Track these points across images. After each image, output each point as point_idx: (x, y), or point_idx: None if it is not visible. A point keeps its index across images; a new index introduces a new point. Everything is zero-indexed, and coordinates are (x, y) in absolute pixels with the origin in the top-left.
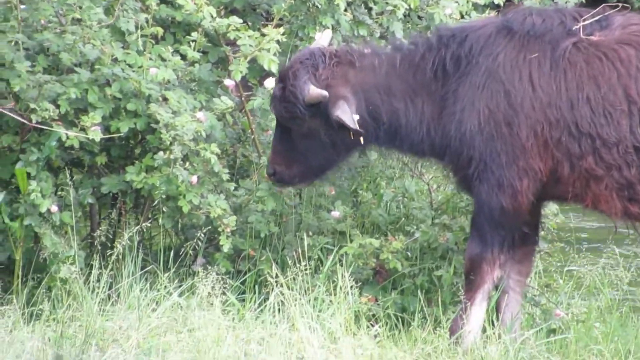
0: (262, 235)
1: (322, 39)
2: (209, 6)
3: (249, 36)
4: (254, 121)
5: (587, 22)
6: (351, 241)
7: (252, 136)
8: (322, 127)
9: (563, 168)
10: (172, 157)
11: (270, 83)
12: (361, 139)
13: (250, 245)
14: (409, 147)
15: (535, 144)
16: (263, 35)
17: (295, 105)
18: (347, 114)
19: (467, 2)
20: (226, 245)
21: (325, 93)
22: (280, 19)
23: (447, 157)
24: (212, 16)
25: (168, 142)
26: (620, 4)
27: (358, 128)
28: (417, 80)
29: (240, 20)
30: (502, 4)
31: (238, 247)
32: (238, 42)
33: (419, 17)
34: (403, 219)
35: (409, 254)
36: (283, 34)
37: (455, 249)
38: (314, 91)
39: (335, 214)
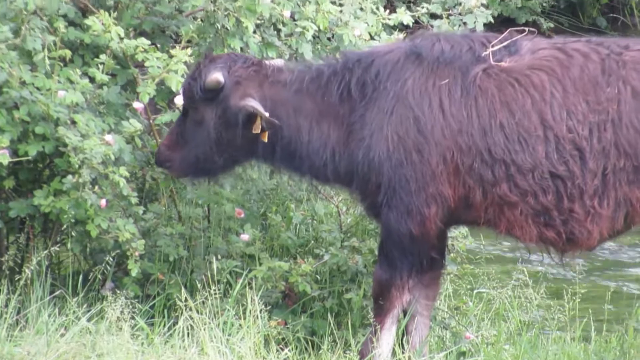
0: (171, 259)
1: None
2: (117, 27)
3: (157, 58)
4: None
5: (495, 48)
6: (260, 264)
7: None
8: (213, 120)
9: (475, 194)
10: (80, 180)
11: (179, 100)
12: (266, 136)
13: (159, 269)
14: (309, 169)
15: (445, 171)
16: (171, 56)
17: (196, 85)
18: (259, 105)
19: (377, 22)
20: (134, 270)
21: (221, 78)
22: (189, 41)
23: (354, 183)
24: (120, 37)
25: (77, 166)
26: (527, 28)
27: (271, 118)
28: (324, 103)
29: (149, 42)
30: (410, 25)
31: (147, 271)
32: (146, 64)
33: (329, 39)
34: (312, 241)
35: (318, 277)
36: (191, 56)
37: (364, 272)
38: (213, 75)
39: (245, 237)
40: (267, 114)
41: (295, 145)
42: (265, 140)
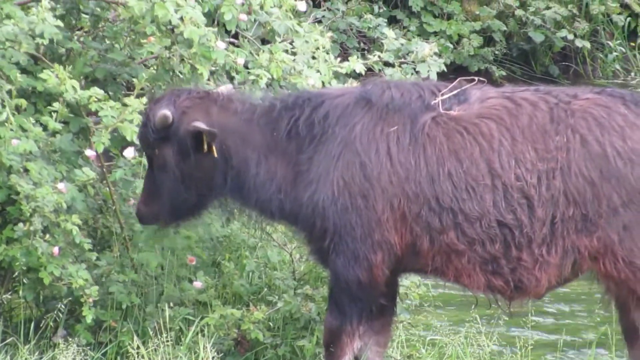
0: (124, 306)
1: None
2: (72, 79)
3: (110, 107)
4: (115, 192)
5: (445, 96)
6: (213, 312)
7: (114, 207)
8: (172, 159)
9: (422, 242)
10: (31, 228)
11: (129, 152)
12: (215, 151)
13: (111, 317)
14: (255, 202)
15: (392, 218)
16: (124, 105)
17: (147, 128)
18: (200, 122)
19: (329, 71)
20: (89, 316)
21: (168, 113)
22: (142, 89)
23: (299, 224)
24: (74, 89)
25: (28, 214)
26: (477, 78)
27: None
28: (273, 138)
29: (102, 92)
30: (363, 73)
31: (99, 318)
32: (100, 114)
33: (281, 87)
34: (265, 289)
35: (270, 324)
36: (145, 104)
37: (317, 319)
38: (161, 111)
39: (198, 284)
40: (206, 127)
41: (245, 177)
42: (215, 155)
